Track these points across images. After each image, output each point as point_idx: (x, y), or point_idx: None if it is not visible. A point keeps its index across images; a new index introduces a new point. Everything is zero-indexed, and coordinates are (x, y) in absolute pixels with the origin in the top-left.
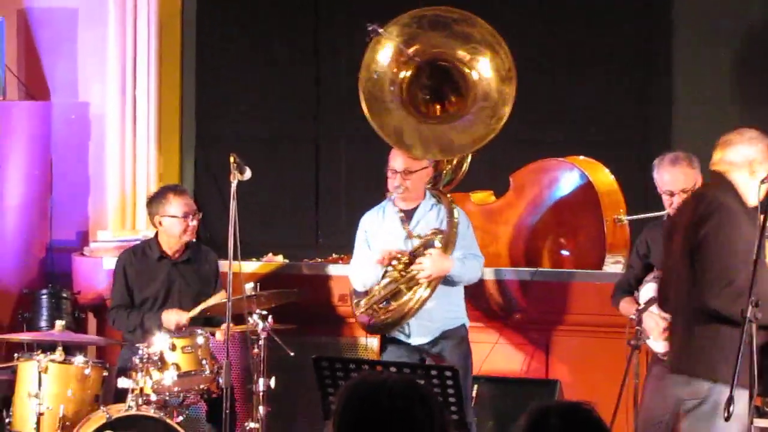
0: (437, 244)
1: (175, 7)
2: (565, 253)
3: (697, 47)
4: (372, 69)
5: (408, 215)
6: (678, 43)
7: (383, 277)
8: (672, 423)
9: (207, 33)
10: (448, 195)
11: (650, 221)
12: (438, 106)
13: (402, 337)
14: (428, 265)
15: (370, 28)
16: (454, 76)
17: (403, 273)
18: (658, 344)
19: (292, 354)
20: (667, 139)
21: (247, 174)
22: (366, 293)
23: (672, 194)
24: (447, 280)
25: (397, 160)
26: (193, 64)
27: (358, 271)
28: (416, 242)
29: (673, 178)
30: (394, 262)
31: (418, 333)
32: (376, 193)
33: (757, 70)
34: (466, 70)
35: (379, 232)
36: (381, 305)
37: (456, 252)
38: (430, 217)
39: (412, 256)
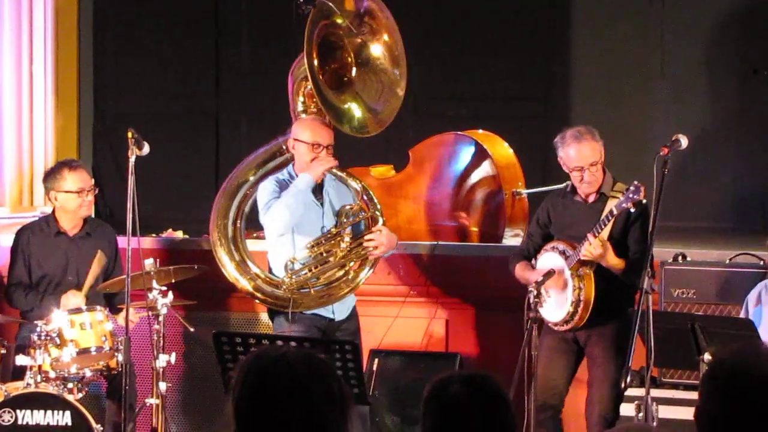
0: (380, 220)
1: None
2: (463, 226)
3: (596, 22)
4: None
5: (315, 191)
6: (576, 17)
7: (315, 256)
8: (566, 389)
9: (104, 7)
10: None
11: (551, 192)
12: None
13: (323, 312)
14: (383, 240)
15: (302, 0)
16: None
17: (348, 249)
18: (551, 314)
19: (192, 329)
20: (565, 111)
21: (146, 149)
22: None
23: (582, 169)
24: None
25: (323, 134)
26: (91, 38)
27: (278, 207)
28: (342, 219)
29: (580, 154)
30: (328, 164)
31: (340, 309)
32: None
33: (655, 45)
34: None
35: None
36: (311, 281)
37: None
38: (339, 192)
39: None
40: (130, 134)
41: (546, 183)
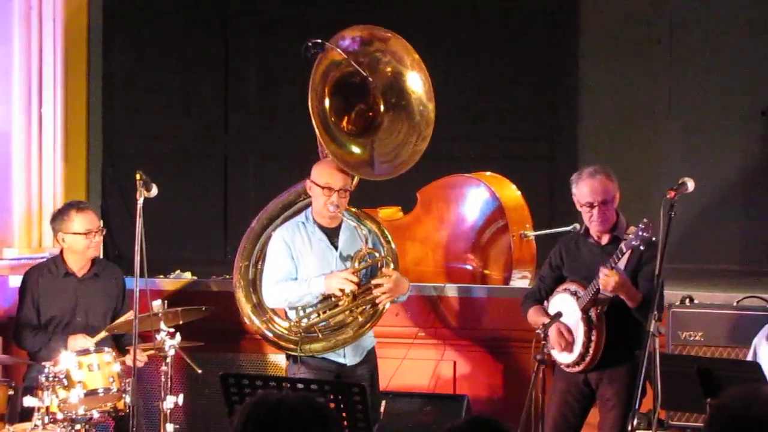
0: (390, 265)
1: (81, 24)
2: (471, 267)
3: (604, 62)
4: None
5: (331, 235)
6: (584, 59)
7: (324, 299)
8: None
9: (113, 49)
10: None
11: (564, 234)
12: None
13: (333, 357)
14: (390, 286)
15: (310, 44)
16: (375, 89)
17: (356, 295)
18: (562, 355)
19: (199, 371)
20: (573, 152)
21: (154, 191)
22: (287, 313)
23: (592, 206)
24: None
25: (336, 178)
26: (100, 81)
27: (285, 288)
28: (355, 264)
29: (592, 190)
30: (345, 287)
31: (352, 353)
32: None
33: (663, 85)
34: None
35: (306, 252)
36: (320, 325)
37: None
38: (354, 236)
39: (360, 278)
40: (138, 176)
41: (553, 224)
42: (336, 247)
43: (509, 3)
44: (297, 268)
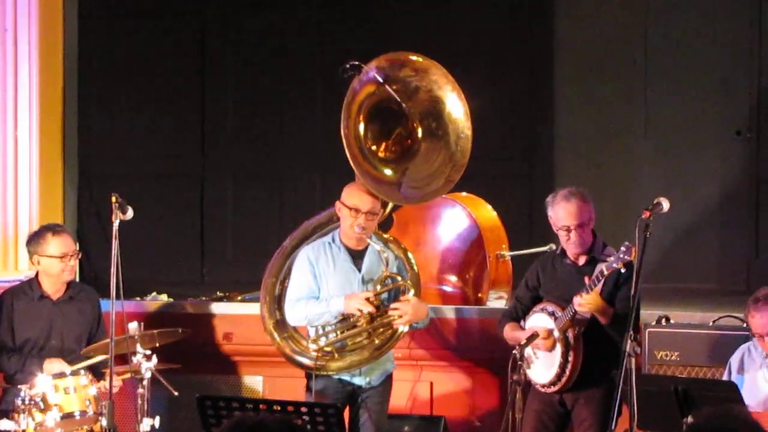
0: (411, 291)
1: (56, 44)
2: (448, 289)
3: (580, 82)
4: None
5: (356, 257)
6: (560, 78)
7: (343, 319)
8: None
9: (90, 70)
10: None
11: (541, 254)
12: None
13: (350, 378)
14: (409, 310)
15: (348, 65)
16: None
17: (374, 317)
18: (538, 375)
19: (176, 393)
20: (550, 172)
21: (129, 213)
22: (309, 332)
23: (569, 230)
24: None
25: (364, 200)
26: (76, 103)
27: (306, 306)
28: (376, 287)
29: (568, 213)
30: (363, 308)
31: (372, 375)
32: (263, 230)
33: (638, 105)
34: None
35: (329, 272)
36: (337, 345)
37: None
38: (378, 260)
39: (381, 301)
40: (114, 199)
41: (531, 244)
42: (359, 270)
43: (485, 24)
44: (319, 287)
